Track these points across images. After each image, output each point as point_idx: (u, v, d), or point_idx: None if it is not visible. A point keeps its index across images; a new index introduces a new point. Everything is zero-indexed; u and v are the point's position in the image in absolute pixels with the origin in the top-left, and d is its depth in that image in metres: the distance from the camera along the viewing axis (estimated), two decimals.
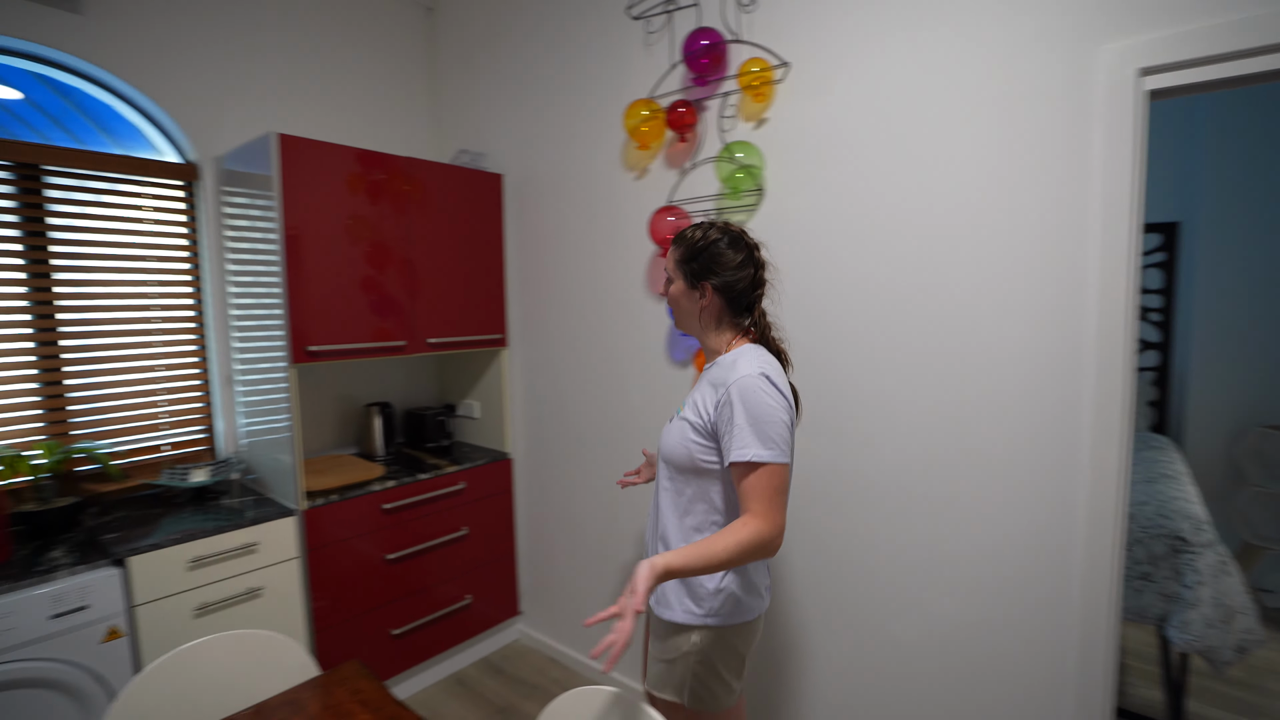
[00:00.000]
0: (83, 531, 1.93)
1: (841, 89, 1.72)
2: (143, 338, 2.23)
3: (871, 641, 1.78)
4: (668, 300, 1.41)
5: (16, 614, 1.57)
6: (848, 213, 1.74)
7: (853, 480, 1.78)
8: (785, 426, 1.21)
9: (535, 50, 2.49)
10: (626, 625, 1.03)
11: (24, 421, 2.01)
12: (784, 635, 1.96)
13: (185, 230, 2.31)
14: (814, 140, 1.78)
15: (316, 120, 2.55)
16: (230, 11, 2.31)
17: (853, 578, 1.81)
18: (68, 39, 1.98)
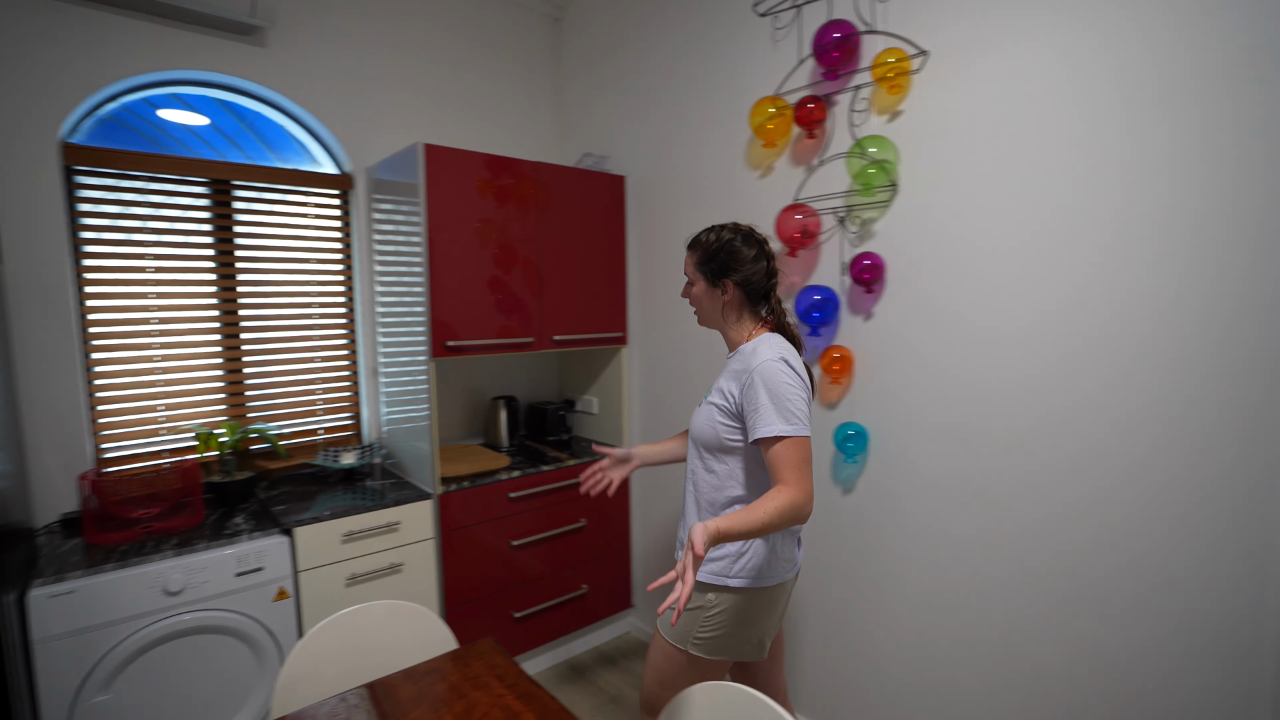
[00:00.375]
0: (256, 503, 2.17)
1: (986, 76, 1.62)
2: (303, 332, 2.48)
3: (1006, 662, 1.66)
4: (690, 301, 1.55)
5: (210, 569, 1.80)
6: (992, 207, 1.63)
7: (989, 486, 1.67)
8: (804, 403, 1.35)
9: (658, 54, 2.53)
10: (689, 581, 1.10)
11: (213, 404, 2.30)
12: (902, 645, 1.87)
13: (340, 235, 2.54)
14: (954, 132, 1.69)
15: (452, 129, 2.72)
16: (383, 37, 2.52)
17: (978, 589, 1.69)
18: (255, 70, 2.24)
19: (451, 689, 1.30)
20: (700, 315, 1.56)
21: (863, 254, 1.87)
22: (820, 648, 2.11)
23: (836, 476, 2.04)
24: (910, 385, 1.83)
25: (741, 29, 2.20)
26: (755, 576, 1.44)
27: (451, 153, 2.17)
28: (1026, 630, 1.63)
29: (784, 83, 2.07)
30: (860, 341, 1.94)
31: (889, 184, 1.82)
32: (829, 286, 1.98)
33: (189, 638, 1.79)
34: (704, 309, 1.54)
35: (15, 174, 1.88)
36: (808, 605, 2.14)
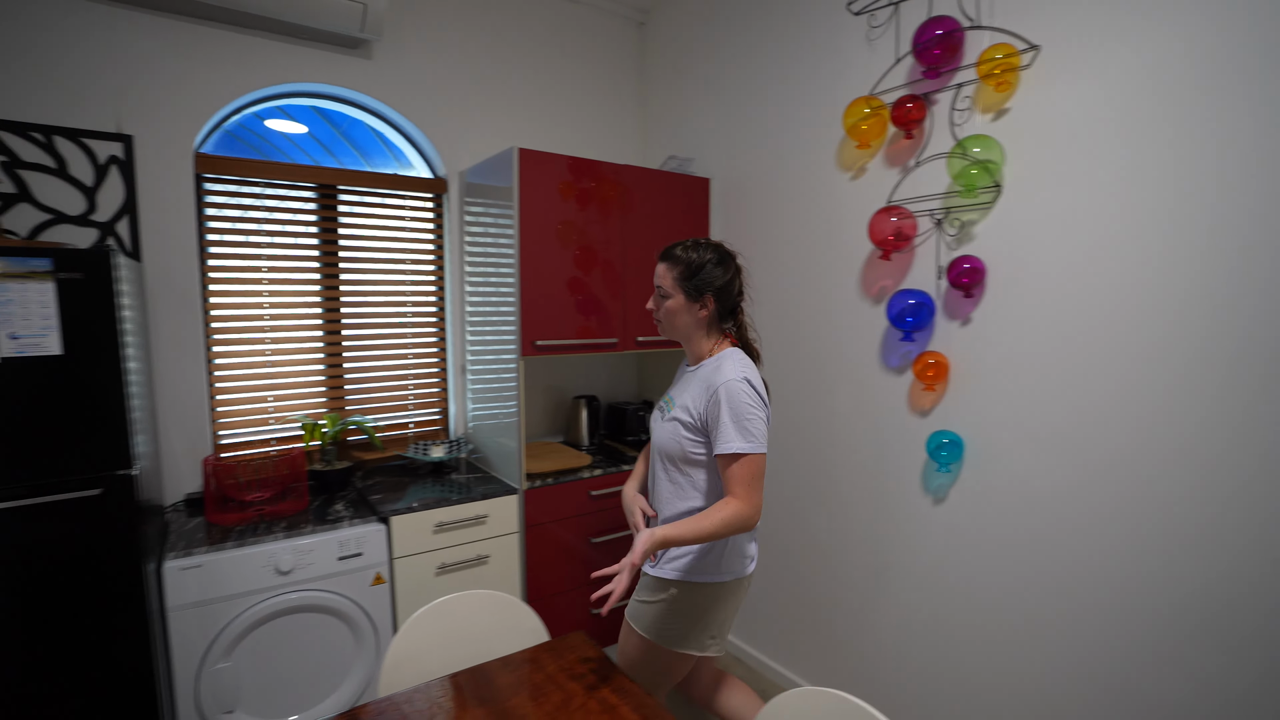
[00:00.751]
0: (354, 491, 2.29)
1: (1102, 70, 1.53)
2: (397, 329, 2.60)
3: (1117, 693, 1.57)
4: (662, 313, 1.58)
5: (316, 552, 1.91)
6: (1103, 210, 1.55)
7: (1094, 503, 1.58)
8: (763, 422, 1.46)
9: (745, 55, 2.52)
10: (623, 579, 1.30)
11: (314, 396, 2.44)
12: (993, 660, 1.79)
13: (433, 236, 2.65)
14: (1064, 130, 1.61)
15: (538, 134, 2.79)
16: (477, 46, 2.61)
17: (1081, 612, 1.60)
18: (362, 81, 2.37)
19: (548, 679, 1.34)
20: (669, 327, 1.59)
21: (962, 257, 1.80)
22: (902, 656, 2.05)
23: (927, 485, 1.98)
24: (1011, 394, 1.76)
25: (834, 28, 2.16)
26: (715, 571, 1.56)
27: (543, 156, 2.23)
28: (1135, 658, 1.53)
29: (879, 82, 2.02)
30: (957, 347, 1.87)
31: (992, 185, 1.75)
32: (924, 291, 1.92)
33: (297, 615, 1.90)
34: (678, 321, 1.57)
35: (157, 183, 2.05)
36: (888, 614, 2.08)
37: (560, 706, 1.25)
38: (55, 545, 1.46)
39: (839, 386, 2.22)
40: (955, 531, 1.90)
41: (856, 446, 2.17)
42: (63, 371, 1.42)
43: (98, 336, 1.45)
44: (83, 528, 1.49)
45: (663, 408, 1.62)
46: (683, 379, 1.61)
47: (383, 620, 2.04)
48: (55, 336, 1.38)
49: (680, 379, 1.64)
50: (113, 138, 1.97)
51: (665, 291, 1.56)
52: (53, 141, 1.89)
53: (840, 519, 2.24)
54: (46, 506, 1.45)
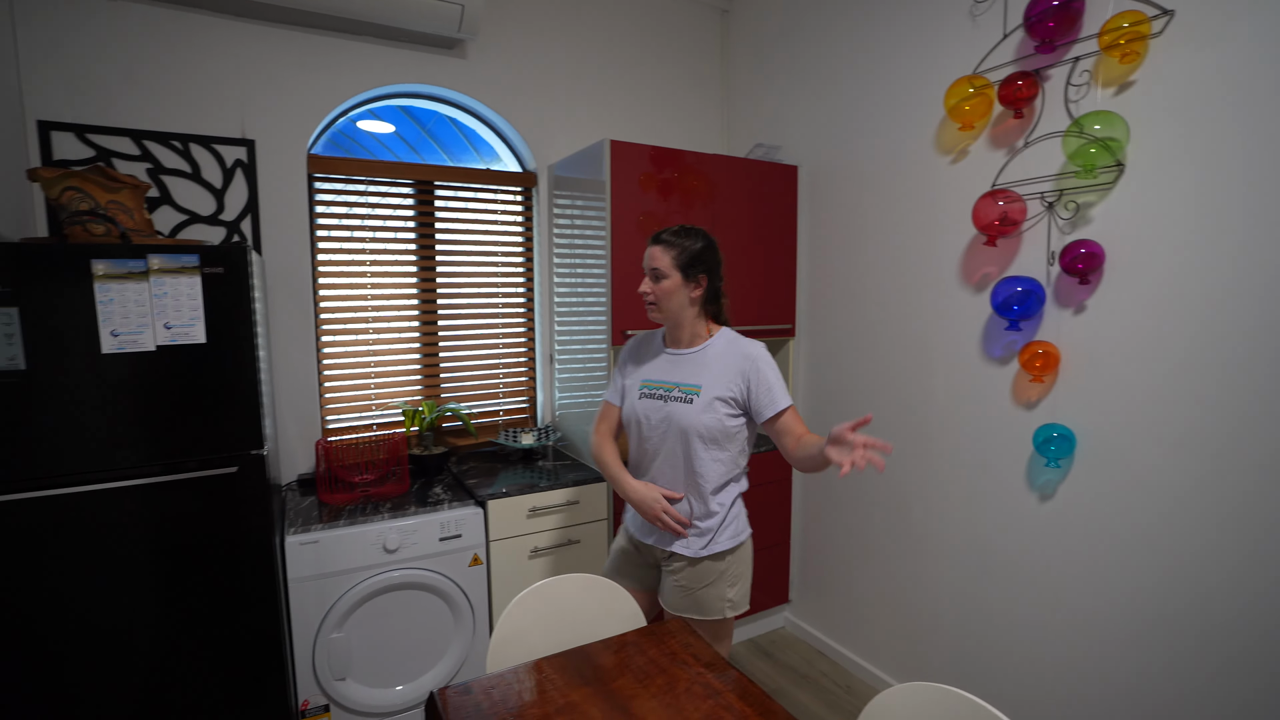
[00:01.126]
0: (449, 475, 2.39)
1: (1242, 37, 1.41)
2: (488, 319, 2.68)
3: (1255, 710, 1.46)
4: (655, 293, 1.60)
5: (419, 532, 2.00)
6: (1241, 189, 1.43)
7: (1227, 508, 1.47)
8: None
9: (835, 38, 2.45)
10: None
11: (411, 383, 2.56)
12: (1101, 668, 1.69)
13: (522, 228, 2.72)
14: (1199, 103, 1.49)
15: (623, 125, 2.81)
16: (566, 42, 2.65)
17: (1209, 624, 1.49)
18: (458, 80, 2.45)
19: (651, 663, 1.36)
20: (662, 307, 1.62)
21: (1077, 241, 1.71)
22: (1003, 656, 1.97)
23: (1033, 481, 1.89)
24: (1131, 386, 1.65)
25: (933, 6, 2.08)
26: (747, 523, 1.68)
27: (633, 148, 2.25)
28: (1273, 673, 1.42)
29: (984, 60, 1.93)
30: (1069, 337, 1.78)
31: (1114, 164, 1.64)
32: (1032, 277, 1.83)
33: (401, 591, 2.01)
34: (672, 302, 1.60)
35: (275, 183, 2.19)
36: (989, 612, 2.00)
37: (665, 690, 1.27)
38: (197, 517, 1.60)
39: (936, 378, 2.15)
40: (1065, 529, 1.81)
41: (954, 439, 2.10)
42: (206, 358, 1.55)
43: (235, 326, 1.57)
44: (220, 502, 1.62)
45: (664, 394, 1.62)
46: (681, 362, 1.64)
47: (479, 600, 2.12)
48: (200, 326, 1.50)
49: (672, 362, 1.65)
50: (238, 143, 2.12)
51: (661, 272, 1.59)
52: (189, 148, 2.05)
53: (937, 514, 2.17)
54: (190, 482, 1.58)
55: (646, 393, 1.66)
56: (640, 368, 1.71)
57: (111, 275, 1.41)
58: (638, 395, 1.67)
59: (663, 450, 1.64)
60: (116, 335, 1.43)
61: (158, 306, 1.45)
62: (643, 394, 1.67)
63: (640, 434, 1.67)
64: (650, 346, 1.74)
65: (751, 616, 2.73)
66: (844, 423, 1.33)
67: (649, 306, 1.64)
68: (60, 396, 1.42)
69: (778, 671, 2.52)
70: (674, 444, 1.61)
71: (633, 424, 1.68)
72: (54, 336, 1.40)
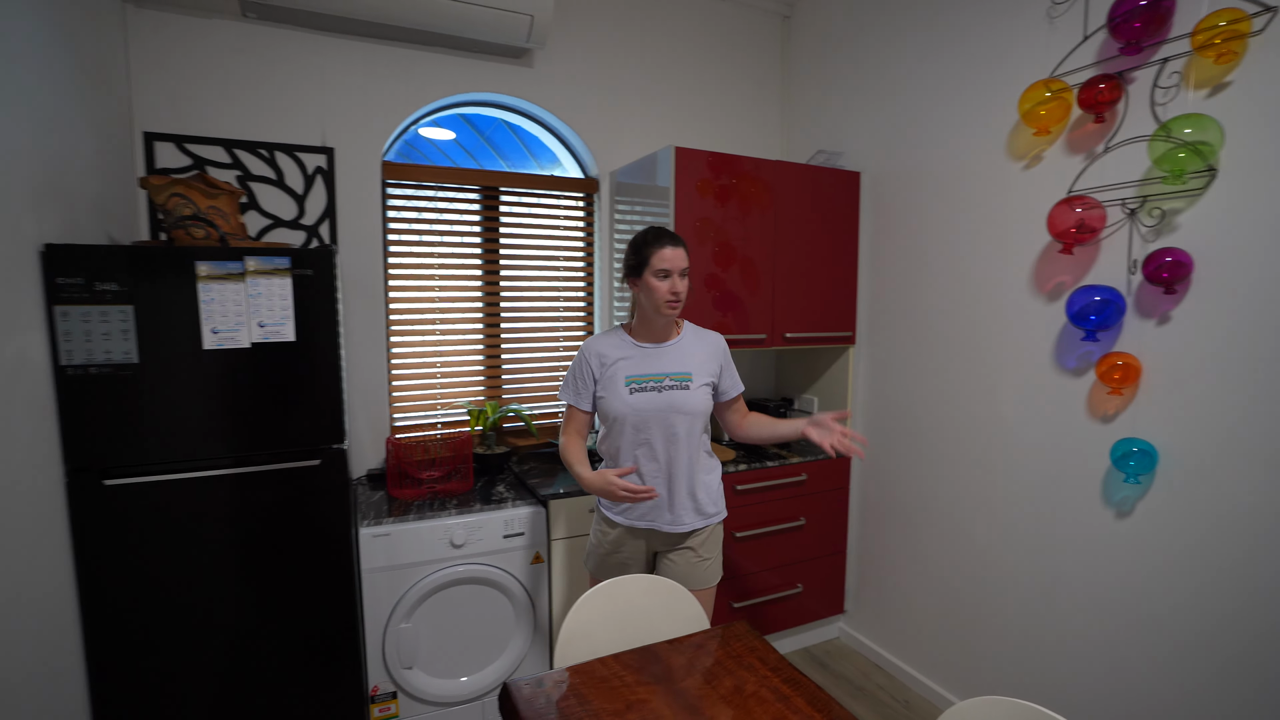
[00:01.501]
0: (511, 475, 2.45)
1: None
2: (549, 322, 2.74)
3: None
4: (684, 291, 1.68)
5: (484, 529, 2.06)
6: None
7: None
8: None
9: (901, 42, 2.42)
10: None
11: (475, 384, 2.63)
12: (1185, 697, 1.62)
13: (583, 233, 2.77)
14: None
15: (684, 131, 2.83)
16: (629, 51, 2.69)
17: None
18: (525, 88, 2.52)
19: (718, 664, 1.37)
20: (682, 304, 1.70)
21: (1162, 249, 1.64)
22: (1073, 677, 1.90)
23: (1109, 497, 1.82)
24: (1220, 402, 1.58)
25: (1007, 7, 2.04)
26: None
27: (696, 154, 2.27)
28: None
29: (1062, 63, 1.88)
30: (1151, 348, 1.71)
31: (1204, 169, 1.58)
32: (1112, 287, 1.77)
33: (466, 586, 2.06)
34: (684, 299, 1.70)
35: (353, 189, 2.29)
36: (1059, 632, 1.94)
37: (734, 692, 1.28)
38: (281, 507, 1.68)
39: (1005, 388, 2.09)
40: (1143, 549, 1.74)
41: (1022, 450, 2.04)
42: (294, 356, 1.63)
43: (320, 326, 1.65)
44: (302, 493, 1.71)
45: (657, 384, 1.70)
46: (664, 354, 1.74)
47: (540, 597, 2.17)
48: (290, 325, 1.59)
49: (653, 355, 1.73)
50: (319, 150, 2.22)
51: (686, 271, 1.69)
52: (274, 156, 2.16)
53: (1005, 528, 2.11)
54: (277, 473, 1.67)
55: (636, 387, 1.70)
56: (614, 367, 1.72)
57: (212, 276, 1.51)
58: (626, 392, 1.70)
59: (661, 436, 1.70)
60: (216, 332, 1.52)
61: (253, 306, 1.54)
62: (632, 389, 1.70)
63: (633, 424, 1.70)
64: (616, 347, 1.75)
65: (805, 625, 2.70)
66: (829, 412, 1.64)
67: (675, 305, 1.68)
68: (167, 389, 1.52)
69: (832, 682, 2.49)
70: (675, 428, 1.70)
71: (622, 418, 1.70)
72: (163, 332, 1.50)
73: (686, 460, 1.73)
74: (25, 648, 1.28)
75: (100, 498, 1.50)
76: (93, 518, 1.50)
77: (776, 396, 3.09)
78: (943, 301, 2.30)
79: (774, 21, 3.01)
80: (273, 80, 2.15)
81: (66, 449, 1.47)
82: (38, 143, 1.39)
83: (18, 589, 1.26)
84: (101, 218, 1.73)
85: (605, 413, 1.74)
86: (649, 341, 1.75)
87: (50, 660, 1.38)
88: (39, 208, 1.38)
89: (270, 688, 1.72)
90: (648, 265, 1.67)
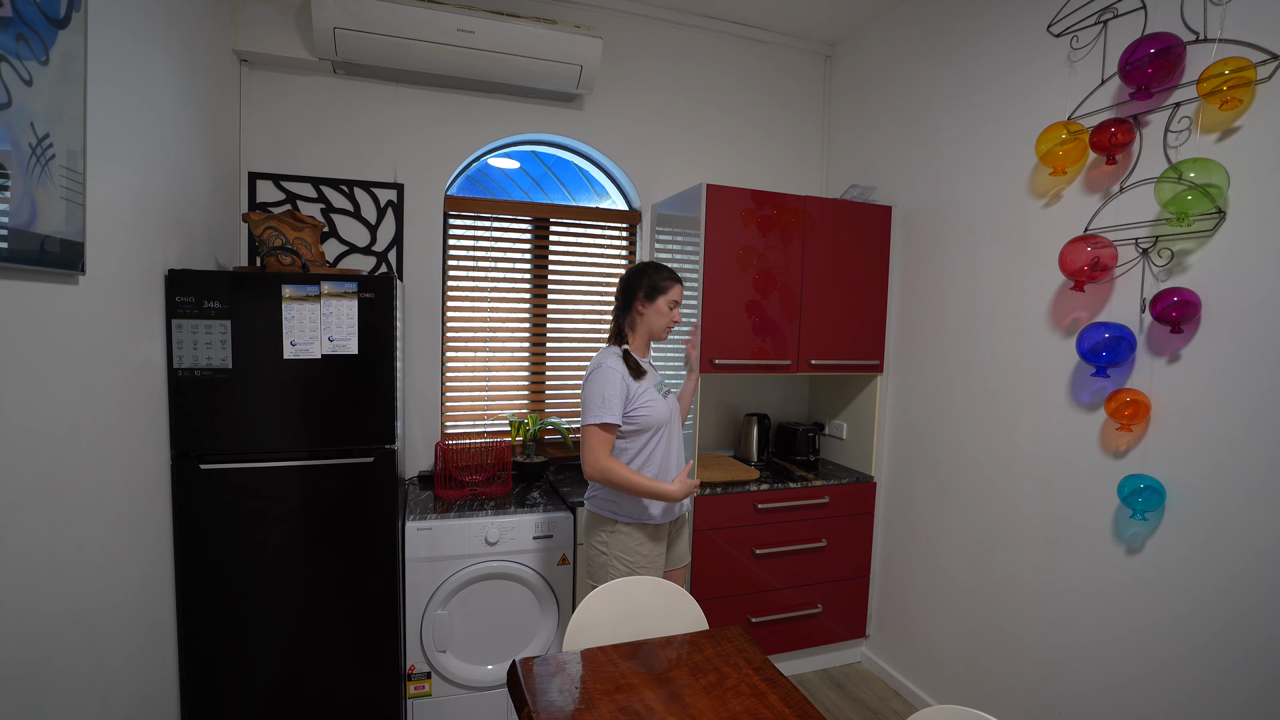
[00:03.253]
0: (546, 482, 2.65)
1: None
2: (591, 342, 2.94)
3: None
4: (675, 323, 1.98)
5: (517, 529, 2.26)
6: None
7: None
8: None
9: (934, 83, 2.51)
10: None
11: (519, 398, 2.86)
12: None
13: (626, 261, 2.97)
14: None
15: (725, 167, 3.00)
16: (673, 92, 2.90)
17: None
18: (574, 128, 2.77)
19: (705, 660, 1.50)
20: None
21: (1171, 289, 1.67)
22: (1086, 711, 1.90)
23: (1120, 534, 1.83)
24: (1227, 441, 1.59)
25: (1031, 52, 2.11)
26: None
27: (728, 191, 2.43)
28: None
29: (1079, 106, 1.94)
30: (1160, 386, 1.73)
31: (1214, 211, 1.61)
32: (1123, 324, 1.80)
33: (498, 580, 2.26)
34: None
35: (418, 219, 2.59)
36: (1071, 663, 1.94)
37: (714, 685, 1.40)
38: (339, 496, 1.94)
39: (1020, 421, 2.13)
40: (1152, 586, 1.75)
41: (1038, 484, 2.06)
42: (356, 366, 1.89)
43: (380, 341, 1.90)
44: (358, 486, 1.96)
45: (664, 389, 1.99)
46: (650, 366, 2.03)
47: (564, 595, 2.34)
48: (354, 340, 1.85)
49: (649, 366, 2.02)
50: (390, 186, 2.53)
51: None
52: (353, 191, 2.48)
53: (1021, 561, 2.13)
54: (338, 466, 1.93)
55: (661, 393, 1.97)
56: (643, 381, 1.93)
57: (294, 297, 1.79)
58: (660, 398, 1.94)
59: (676, 432, 2.00)
60: (294, 344, 1.80)
61: (325, 323, 1.81)
62: (663, 395, 1.97)
63: (669, 428, 1.96)
64: (634, 365, 1.94)
65: (826, 647, 2.75)
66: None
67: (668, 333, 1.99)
68: (253, 391, 1.81)
69: (848, 704, 2.53)
70: (675, 424, 2.01)
71: (659, 422, 1.93)
72: (252, 343, 1.79)
73: (681, 454, 2.05)
74: (133, 597, 1.56)
75: (197, 479, 1.79)
76: (190, 495, 1.79)
77: (809, 421, 3.17)
78: (965, 334, 2.35)
79: (817, 61, 3.15)
80: (355, 125, 2.48)
81: (173, 437, 1.77)
82: (169, 187, 1.72)
83: (131, 549, 1.55)
84: (211, 245, 2.06)
85: (647, 421, 1.90)
86: (644, 356, 2.01)
87: (147, 602, 1.66)
88: (166, 239, 1.70)
89: (324, 654, 1.97)
90: (664, 294, 1.88)
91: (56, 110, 1.18)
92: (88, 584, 1.35)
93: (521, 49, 2.38)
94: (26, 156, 1.10)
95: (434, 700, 2.23)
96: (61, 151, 1.20)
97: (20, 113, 1.08)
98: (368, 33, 2.22)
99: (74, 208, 1.25)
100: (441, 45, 2.30)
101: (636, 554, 1.93)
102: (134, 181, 1.52)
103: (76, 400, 1.30)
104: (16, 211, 1.08)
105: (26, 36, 1.08)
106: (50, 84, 1.16)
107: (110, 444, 1.45)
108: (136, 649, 1.58)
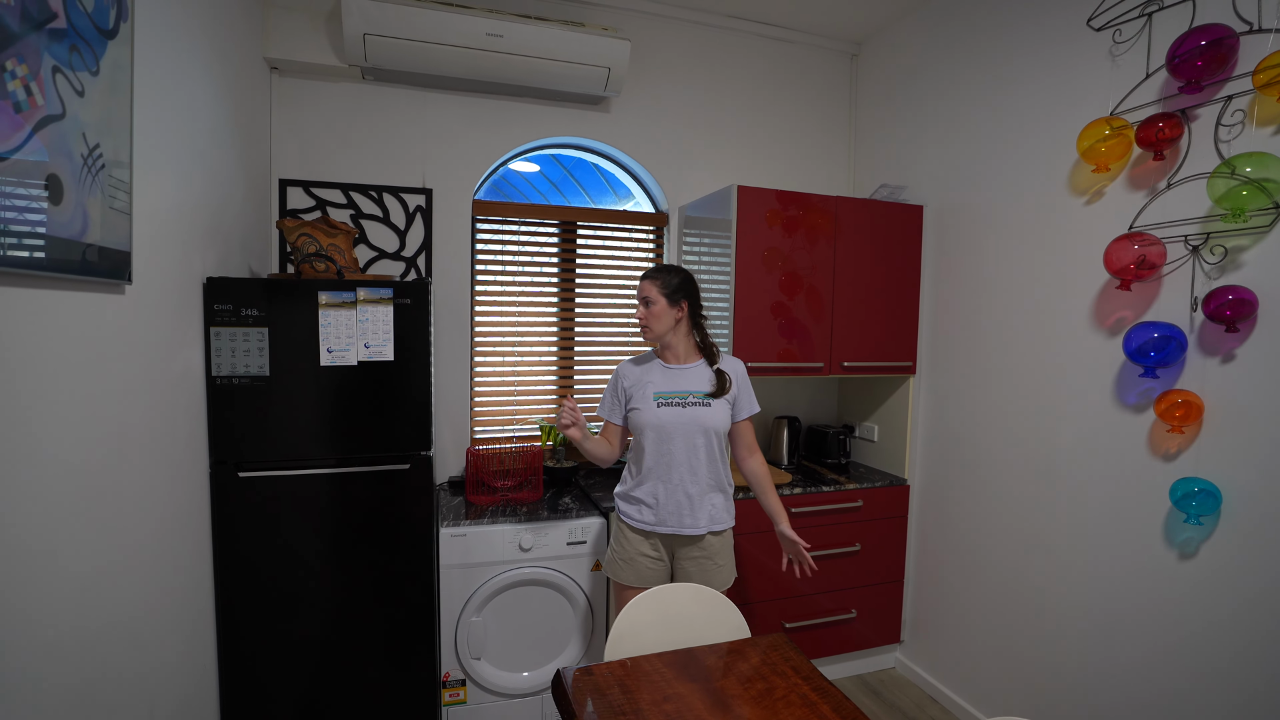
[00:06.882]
0: (577, 488, 2.63)
1: None
2: (618, 346, 2.92)
3: None
4: (647, 317, 1.91)
5: (549, 535, 2.24)
6: None
7: None
8: None
9: (965, 80, 2.47)
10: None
11: (550, 402, 2.85)
12: None
13: (653, 264, 2.95)
14: None
15: (752, 168, 2.97)
16: (699, 94, 2.88)
17: None
18: (602, 131, 2.75)
19: (753, 670, 1.48)
20: (652, 328, 1.91)
21: (1225, 287, 1.63)
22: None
23: (1172, 538, 1.79)
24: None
25: (1069, 47, 2.07)
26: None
27: (758, 192, 2.40)
28: None
29: (1123, 101, 1.90)
30: (1214, 387, 1.69)
31: (1271, 206, 1.56)
32: (1173, 324, 1.75)
33: (532, 587, 2.25)
34: (659, 322, 1.90)
35: (447, 224, 2.58)
36: (1119, 670, 1.89)
37: (764, 694, 1.38)
38: (377, 502, 1.93)
39: (1063, 422, 2.08)
40: (1208, 591, 1.70)
41: (1081, 487, 2.02)
42: (393, 373, 1.89)
43: (415, 348, 1.90)
44: (394, 493, 1.95)
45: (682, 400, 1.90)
46: (681, 374, 1.94)
47: (599, 602, 2.32)
48: (390, 346, 1.85)
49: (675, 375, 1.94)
50: (419, 191, 2.53)
51: (650, 299, 1.90)
52: (382, 197, 2.48)
53: (1062, 565, 2.08)
54: (374, 474, 1.92)
55: (663, 401, 1.90)
56: (643, 384, 1.93)
57: (330, 304, 1.79)
58: (655, 405, 1.89)
59: (685, 447, 1.89)
60: (331, 351, 1.80)
61: (361, 330, 1.81)
62: (660, 404, 1.90)
63: (659, 436, 1.89)
64: (646, 369, 1.96)
65: (861, 652, 2.71)
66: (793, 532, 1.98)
67: (642, 330, 1.94)
68: (290, 398, 1.81)
69: (884, 711, 2.49)
70: (697, 440, 1.90)
71: (651, 429, 1.89)
72: (289, 350, 1.79)
73: (707, 469, 1.93)
74: (175, 606, 1.56)
75: (235, 486, 1.79)
76: (228, 503, 1.80)
77: (839, 423, 3.13)
78: (1003, 334, 2.31)
79: (843, 60, 3.12)
80: (383, 131, 2.48)
81: (212, 445, 1.77)
82: (207, 195, 1.72)
83: (173, 554, 1.55)
84: (245, 253, 2.07)
85: (635, 424, 1.93)
86: (673, 363, 1.96)
87: (188, 610, 1.66)
88: (204, 248, 1.71)
89: (360, 661, 1.96)
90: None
91: (106, 120, 1.18)
92: (133, 595, 1.35)
93: (549, 52, 2.37)
94: (79, 167, 1.09)
95: (469, 708, 2.22)
96: (110, 161, 1.20)
97: (73, 123, 1.08)
98: (397, 38, 2.22)
99: (121, 217, 1.25)
100: (470, 50, 2.30)
101: (619, 544, 2.00)
102: (176, 190, 1.53)
103: (123, 410, 1.30)
104: (69, 222, 1.08)
105: (79, 47, 1.08)
106: (100, 94, 1.16)
107: (154, 453, 1.45)
108: (178, 656, 1.59)
